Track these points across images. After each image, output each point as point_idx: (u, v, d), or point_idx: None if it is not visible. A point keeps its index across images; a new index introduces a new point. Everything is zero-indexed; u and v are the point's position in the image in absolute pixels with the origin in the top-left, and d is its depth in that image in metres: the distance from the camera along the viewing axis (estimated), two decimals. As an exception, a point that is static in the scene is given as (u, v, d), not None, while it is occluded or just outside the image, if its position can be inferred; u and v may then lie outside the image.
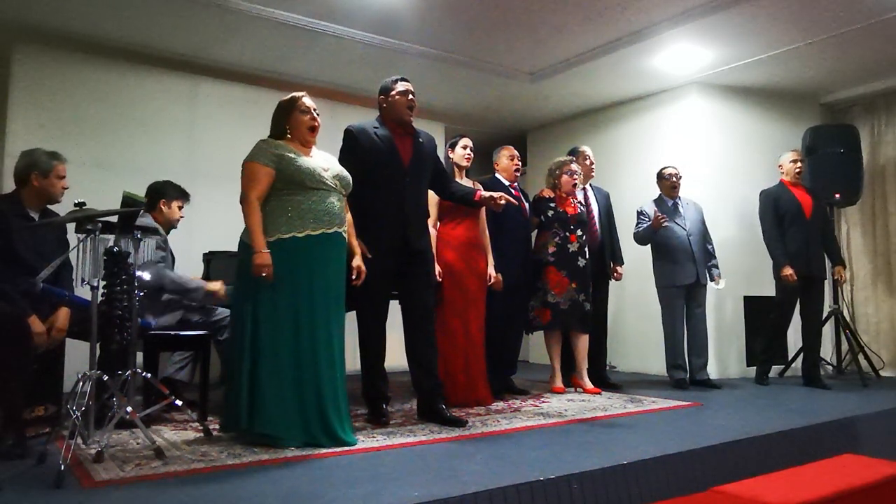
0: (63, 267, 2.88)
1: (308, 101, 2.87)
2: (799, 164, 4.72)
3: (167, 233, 3.54)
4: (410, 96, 3.22)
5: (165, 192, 3.57)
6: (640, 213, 4.67)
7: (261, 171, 2.70)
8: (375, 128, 3.21)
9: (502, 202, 3.27)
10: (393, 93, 3.22)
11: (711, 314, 4.86)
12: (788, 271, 4.49)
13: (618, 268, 4.64)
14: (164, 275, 3.28)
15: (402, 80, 3.27)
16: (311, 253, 2.69)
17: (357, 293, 3.06)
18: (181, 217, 3.65)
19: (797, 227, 4.57)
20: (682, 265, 4.54)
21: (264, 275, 2.60)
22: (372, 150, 3.14)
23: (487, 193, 3.34)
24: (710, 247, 4.68)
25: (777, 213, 4.63)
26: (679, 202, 4.71)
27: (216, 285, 3.36)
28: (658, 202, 4.69)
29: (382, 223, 3.13)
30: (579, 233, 4.21)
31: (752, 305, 5.22)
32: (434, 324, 3.35)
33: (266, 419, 2.60)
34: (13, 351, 2.43)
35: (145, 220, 3.39)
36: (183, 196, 3.65)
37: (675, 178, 4.70)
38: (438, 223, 3.78)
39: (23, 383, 2.50)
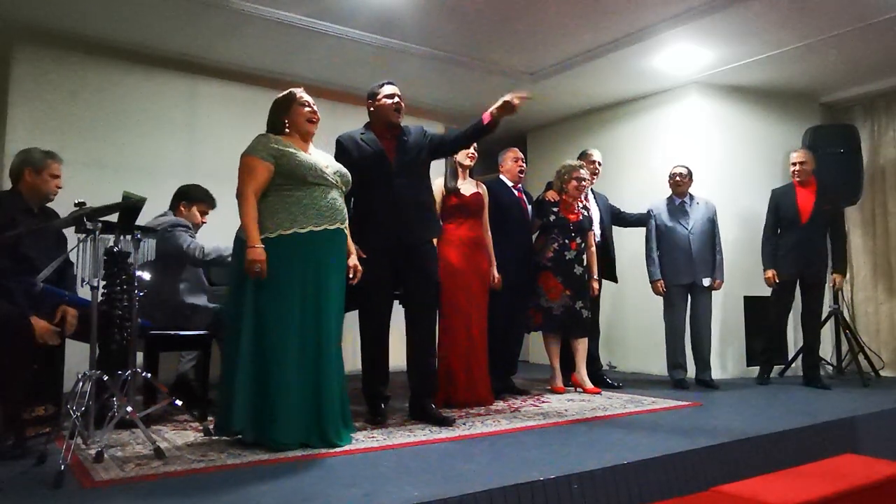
0: (67, 266, 2.89)
1: (306, 95, 2.86)
2: (798, 165, 4.71)
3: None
4: (396, 99, 3.25)
5: (188, 195, 3.58)
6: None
7: (259, 166, 2.65)
8: (362, 133, 3.27)
9: (516, 102, 3.03)
10: (379, 97, 3.26)
11: (711, 314, 4.85)
12: (768, 274, 4.64)
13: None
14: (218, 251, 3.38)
15: (388, 83, 3.29)
16: (312, 249, 2.65)
17: (357, 293, 3.05)
18: (204, 222, 3.65)
19: (791, 230, 4.64)
20: (681, 264, 4.54)
21: (257, 270, 2.52)
22: (360, 156, 3.18)
23: (499, 102, 3.06)
24: (716, 247, 4.62)
25: (777, 214, 4.72)
26: (687, 201, 4.69)
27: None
28: (668, 200, 4.71)
29: (376, 224, 3.15)
30: (578, 240, 4.19)
31: (752, 305, 5.21)
32: (434, 322, 3.36)
33: (269, 424, 2.54)
34: (13, 351, 2.43)
35: (167, 217, 3.42)
36: (206, 200, 3.62)
37: (677, 178, 4.69)
38: (441, 223, 3.76)
39: (23, 383, 2.50)
